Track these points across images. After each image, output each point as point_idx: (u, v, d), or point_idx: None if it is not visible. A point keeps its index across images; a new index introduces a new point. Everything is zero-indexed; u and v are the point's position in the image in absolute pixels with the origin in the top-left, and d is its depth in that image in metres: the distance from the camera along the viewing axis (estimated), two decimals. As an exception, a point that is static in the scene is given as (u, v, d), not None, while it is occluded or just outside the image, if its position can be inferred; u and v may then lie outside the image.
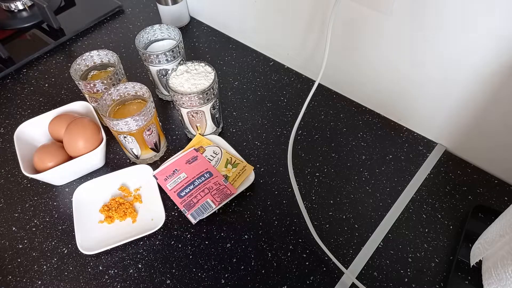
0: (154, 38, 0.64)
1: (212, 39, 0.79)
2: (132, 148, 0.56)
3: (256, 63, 0.74)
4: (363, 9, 0.54)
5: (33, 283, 0.49)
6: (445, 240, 0.51)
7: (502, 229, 0.42)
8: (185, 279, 0.49)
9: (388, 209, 0.54)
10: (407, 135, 0.62)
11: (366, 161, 0.60)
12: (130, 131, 0.53)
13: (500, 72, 0.47)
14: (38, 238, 0.53)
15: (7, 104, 0.69)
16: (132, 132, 0.53)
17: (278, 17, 0.66)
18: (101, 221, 0.54)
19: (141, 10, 0.85)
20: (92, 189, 0.56)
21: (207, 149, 0.60)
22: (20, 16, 0.83)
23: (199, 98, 0.55)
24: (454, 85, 0.53)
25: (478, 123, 0.54)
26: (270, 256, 0.51)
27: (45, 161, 0.54)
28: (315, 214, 0.54)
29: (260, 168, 0.59)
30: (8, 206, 0.57)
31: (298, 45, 0.68)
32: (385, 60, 0.57)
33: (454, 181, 0.57)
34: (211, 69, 0.57)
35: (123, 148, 0.59)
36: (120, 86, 0.55)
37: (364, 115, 0.65)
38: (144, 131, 0.54)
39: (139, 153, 0.57)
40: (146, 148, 0.57)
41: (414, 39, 0.52)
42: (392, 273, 0.49)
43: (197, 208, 0.53)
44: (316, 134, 0.63)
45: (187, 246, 0.52)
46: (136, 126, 0.53)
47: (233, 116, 0.66)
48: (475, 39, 0.47)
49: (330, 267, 0.50)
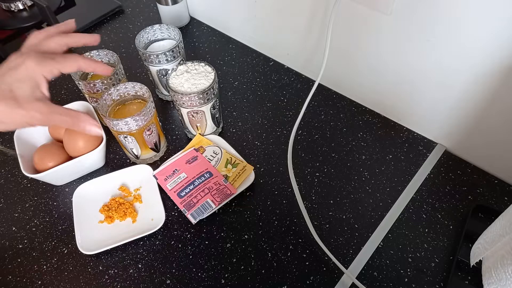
0: (154, 38, 0.64)
1: (212, 39, 0.79)
2: (132, 148, 0.56)
3: (256, 63, 0.74)
4: (363, 9, 0.54)
5: (33, 283, 0.49)
6: (445, 240, 0.51)
7: (502, 229, 0.42)
8: (185, 279, 0.49)
9: (388, 209, 0.54)
10: (407, 135, 0.62)
11: (366, 161, 0.60)
12: (130, 131, 0.53)
13: (500, 72, 0.47)
14: (38, 238, 0.53)
15: (7, 104, 0.69)
16: (132, 132, 0.53)
17: (278, 17, 0.66)
18: (101, 221, 0.54)
19: (141, 10, 0.85)
20: (92, 189, 0.56)
21: (207, 149, 0.60)
22: (20, 16, 0.83)
23: (199, 98, 0.55)
24: (454, 85, 0.53)
25: (478, 123, 0.54)
26: (270, 256, 0.51)
27: (45, 161, 0.54)
28: (315, 214, 0.54)
29: (260, 168, 0.59)
30: (8, 206, 0.57)
31: (298, 45, 0.68)
32: (385, 60, 0.57)
33: (454, 181, 0.57)
34: (211, 69, 0.57)
35: (123, 148, 0.59)
36: (120, 86, 0.55)
37: (364, 115, 0.65)
38: (144, 131, 0.54)
39: (139, 153, 0.57)
40: (146, 148, 0.57)
41: (414, 39, 0.52)
42: (392, 273, 0.49)
43: (197, 208, 0.53)
44: (316, 134, 0.63)
45: (187, 246, 0.52)
46: (136, 126, 0.53)
47: (233, 116, 0.66)
48: (475, 39, 0.47)
49: (330, 267, 0.50)
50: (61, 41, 0.47)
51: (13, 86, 0.42)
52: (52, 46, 0.46)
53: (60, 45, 0.47)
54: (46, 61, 0.44)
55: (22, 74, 0.43)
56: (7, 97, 0.42)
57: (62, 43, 0.47)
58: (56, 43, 0.46)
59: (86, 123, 0.46)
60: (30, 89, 0.43)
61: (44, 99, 0.44)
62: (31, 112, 0.42)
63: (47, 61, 0.44)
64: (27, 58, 0.43)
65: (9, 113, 0.42)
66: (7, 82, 0.42)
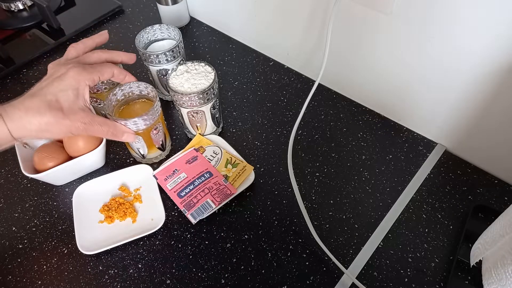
0: (154, 38, 0.64)
1: (212, 39, 0.79)
2: (139, 148, 0.56)
3: (256, 63, 0.74)
4: (363, 9, 0.54)
5: (33, 283, 0.49)
6: (445, 240, 0.51)
7: (502, 229, 0.42)
8: (185, 279, 0.49)
9: (388, 209, 0.54)
10: (407, 135, 0.62)
11: (366, 161, 0.60)
12: (138, 130, 0.53)
13: (500, 72, 0.47)
14: (38, 238, 0.53)
15: (7, 104, 0.69)
16: (140, 131, 0.53)
17: (278, 17, 0.66)
18: (101, 221, 0.54)
19: (141, 10, 0.85)
20: (92, 189, 0.56)
21: (207, 149, 0.60)
22: (20, 16, 0.83)
23: (199, 98, 0.55)
24: (454, 85, 0.53)
25: (478, 123, 0.54)
26: (270, 256, 0.51)
27: (45, 161, 0.54)
28: (315, 214, 0.54)
29: (260, 168, 0.59)
30: (8, 206, 0.57)
31: (298, 45, 0.68)
32: (385, 60, 0.57)
33: (454, 181, 0.57)
34: (211, 69, 0.57)
35: (129, 148, 0.59)
36: (125, 86, 0.55)
37: (364, 115, 0.65)
38: (151, 130, 0.54)
39: (146, 152, 0.57)
40: (153, 148, 0.57)
41: (414, 39, 0.52)
42: (392, 273, 0.49)
43: (197, 208, 0.53)
44: (316, 134, 0.63)
45: (187, 246, 0.52)
46: (144, 125, 0.53)
47: (233, 116, 0.66)
48: (475, 39, 0.47)
49: (330, 267, 0.50)
50: (102, 56, 0.51)
51: (59, 95, 0.45)
52: (93, 59, 0.51)
53: (100, 60, 0.51)
54: (87, 69, 0.47)
55: (66, 83, 0.46)
56: (53, 107, 0.44)
57: (102, 58, 0.51)
58: (97, 57, 0.51)
59: (124, 132, 0.51)
60: (74, 97, 0.46)
61: (86, 109, 0.47)
62: (76, 122, 0.46)
63: (89, 69, 0.47)
64: (71, 69, 0.46)
65: (56, 124, 0.45)
66: (53, 92, 0.45)
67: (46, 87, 0.45)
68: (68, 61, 0.49)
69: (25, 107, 0.43)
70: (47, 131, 0.45)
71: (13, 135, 0.43)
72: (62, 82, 0.46)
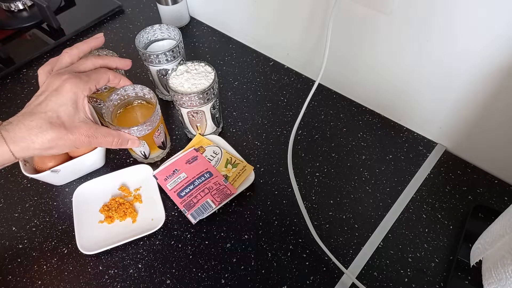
0: (154, 38, 0.64)
1: (212, 39, 0.79)
2: (142, 150, 0.56)
3: (256, 63, 0.74)
4: (363, 9, 0.54)
5: (33, 283, 0.49)
6: (445, 240, 0.51)
7: (502, 229, 0.42)
8: (185, 279, 0.49)
9: (388, 209, 0.54)
10: (407, 135, 0.62)
11: (366, 161, 0.60)
12: (141, 135, 0.53)
13: (500, 72, 0.47)
14: (38, 238, 0.53)
15: (7, 104, 0.69)
16: (142, 136, 0.53)
17: (278, 17, 0.66)
18: (101, 221, 0.54)
19: (141, 10, 0.85)
20: (92, 189, 0.56)
21: (207, 149, 0.60)
22: (20, 16, 0.83)
23: (199, 98, 0.55)
24: (454, 85, 0.53)
25: (478, 123, 0.54)
26: (270, 256, 0.51)
27: (45, 161, 0.54)
28: (315, 214, 0.54)
29: (260, 168, 0.59)
30: (8, 206, 0.57)
31: (298, 45, 0.68)
32: (385, 60, 0.57)
33: (454, 181, 0.57)
34: (211, 69, 0.57)
35: (131, 151, 0.58)
36: (120, 90, 0.54)
37: (364, 115, 0.65)
38: (154, 133, 0.54)
39: (148, 153, 0.57)
40: (155, 148, 0.58)
41: (414, 39, 0.52)
42: (392, 273, 0.49)
43: (197, 208, 0.53)
44: (316, 134, 0.63)
45: (187, 246, 0.52)
46: (147, 130, 0.53)
47: (233, 116, 0.66)
48: (475, 39, 0.47)
49: (330, 267, 0.50)
50: (97, 62, 0.50)
51: (59, 111, 0.44)
52: (88, 66, 0.49)
53: (95, 66, 0.50)
54: (83, 79, 0.46)
55: (65, 97, 0.45)
56: (55, 124, 0.43)
57: (97, 64, 0.50)
58: (92, 64, 0.49)
59: (128, 139, 0.51)
60: (74, 111, 0.45)
61: (88, 121, 0.46)
62: (80, 136, 0.45)
63: (84, 79, 0.46)
64: (67, 81, 0.45)
65: (60, 140, 0.44)
66: (52, 108, 0.44)
67: (44, 102, 0.44)
68: (61, 70, 0.47)
69: (26, 126, 0.42)
70: (51, 148, 0.44)
71: (16, 156, 0.43)
72: (60, 97, 0.44)
